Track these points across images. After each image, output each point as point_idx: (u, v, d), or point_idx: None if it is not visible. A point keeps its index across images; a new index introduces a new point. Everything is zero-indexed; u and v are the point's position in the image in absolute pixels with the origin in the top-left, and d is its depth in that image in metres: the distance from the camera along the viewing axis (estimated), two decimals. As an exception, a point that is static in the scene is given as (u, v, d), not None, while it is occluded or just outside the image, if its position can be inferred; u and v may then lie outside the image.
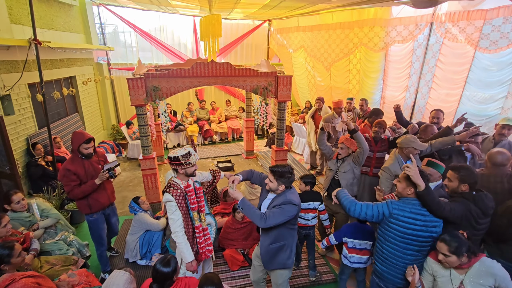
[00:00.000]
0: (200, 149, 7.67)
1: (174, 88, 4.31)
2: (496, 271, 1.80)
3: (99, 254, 3.18)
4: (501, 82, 4.45)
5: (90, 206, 2.92)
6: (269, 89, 4.60)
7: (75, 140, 2.85)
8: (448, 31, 4.99)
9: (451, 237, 1.88)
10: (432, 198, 2.03)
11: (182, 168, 2.42)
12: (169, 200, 2.39)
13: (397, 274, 2.24)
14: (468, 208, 2.15)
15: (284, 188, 2.32)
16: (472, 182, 2.21)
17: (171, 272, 2.03)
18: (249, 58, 9.18)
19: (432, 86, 5.50)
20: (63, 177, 2.76)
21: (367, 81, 6.69)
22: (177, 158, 2.39)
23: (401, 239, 2.13)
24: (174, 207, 2.39)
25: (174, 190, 2.40)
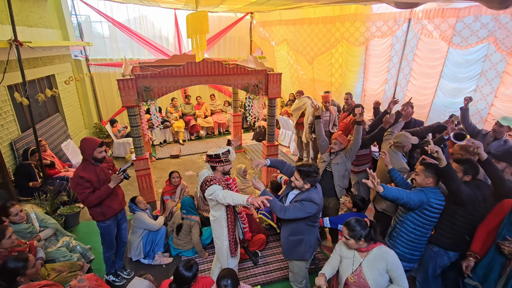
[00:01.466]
0: (187, 144, 7.67)
1: (166, 88, 4.31)
2: (388, 256, 2.05)
3: (107, 257, 3.22)
4: (470, 76, 4.85)
5: (104, 214, 2.93)
6: (259, 87, 4.70)
7: (88, 146, 2.80)
8: (424, 27, 5.30)
9: (353, 223, 2.11)
10: (453, 172, 2.41)
11: (221, 165, 2.57)
12: (215, 190, 2.47)
13: (416, 253, 2.63)
14: (475, 193, 2.49)
15: (309, 186, 2.49)
16: (474, 173, 2.57)
17: (191, 277, 2.15)
18: (233, 51, 9.15)
19: (409, 80, 5.85)
20: (77, 185, 2.73)
21: (349, 75, 6.96)
22: (218, 155, 2.52)
23: (430, 223, 2.53)
24: (221, 189, 2.48)
25: (216, 181, 2.53)
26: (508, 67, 4.44)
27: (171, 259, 3.72)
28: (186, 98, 8.23)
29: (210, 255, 3.78)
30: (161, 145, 7.56)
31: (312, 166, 2.48)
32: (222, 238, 2.74)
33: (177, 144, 7.69)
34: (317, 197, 2.46)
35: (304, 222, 2.54)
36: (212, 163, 2.58)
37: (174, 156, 6.82)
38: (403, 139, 3.34)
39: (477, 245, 2.49)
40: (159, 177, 5.89)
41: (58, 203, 4.31)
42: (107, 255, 3.19)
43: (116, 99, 7.84)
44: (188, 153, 7.09)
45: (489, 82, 4.66)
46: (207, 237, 3.84)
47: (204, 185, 2.58)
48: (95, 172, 2.84)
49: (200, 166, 6.42)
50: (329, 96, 5.38)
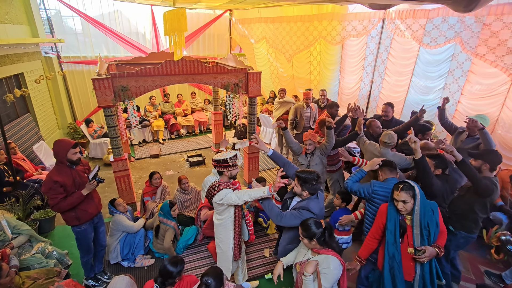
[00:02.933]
0: (167, 144, 7.56)
1: (144, 87, 4.21)
2: (329, 267, 2.05)
3: (85, 262, 3.14)
4: (439, 75, 5.12)
5: (79, 218, 2.85)
6: (239, 85, 4.71)
7: (62, 148, 2.71)
8: (397, 27, 5.52)
9: (308, 223, 2.18)
10: (427, 164, 2.57)
11: (228, 170, 2.56)
12: (226, 193, 2.46)
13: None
14: (444, 185, 2.69)
15: (307, 194, 2.42)
16: (444, 167, 2.78)
17: (176, 272, 2.18)
18: (212, 49, 9.07)
19: (384, 77, 6.08)
20: (49, 190, 2.64)
21: (326, 73, 7.12)
22: (226, 160, 2.52)
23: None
24: (232, 191, 2.49)
25: (224, 185, 2.51)
26: (473, 66, 4.72)
27: (153, 261, 3.69)
28: (165, 96, 8.08)
29: (189, 255, 3.79)
30: (140, 145, 7.40)
31: (312, 174, 2.41)
32: (228, 242, 2.72)
33: (157, 143, 7.56)
34: (316, 207, 2.39)
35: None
36: (220, 168, 2.58)
37: (154, 155, 6.71)
38: (393, 139, 3.38)
39: (362, 250, 2.56)
40: (139, 178, 5.79)
41: (31, 207, 4.13)
42: (84, 260, 3.12)
43: (91, 98, 7.57)
44: (168, 152, 6.99)
45: (456, 81, 4.94)
46: (189, 237, 3.84)
47: (212, 190, 2.56)
48: (71, 175, 2.76)
49: (181, 165, 6.36)
50: (310, 93, 5.50)
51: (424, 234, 2.18)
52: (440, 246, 2.20)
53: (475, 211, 2.82)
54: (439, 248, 2.18)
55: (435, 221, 2.20)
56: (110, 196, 5.12)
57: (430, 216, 2.18)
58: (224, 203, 2.53)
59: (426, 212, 2.17)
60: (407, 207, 2.17)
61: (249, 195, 2.42)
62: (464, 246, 3.04)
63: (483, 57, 4.46)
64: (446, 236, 2.27)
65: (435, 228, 2.20)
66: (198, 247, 3.91)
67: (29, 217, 4.10)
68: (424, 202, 2.20)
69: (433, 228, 2.20)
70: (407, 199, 2.16)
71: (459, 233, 2.94)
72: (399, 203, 2.19)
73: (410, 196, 2.16)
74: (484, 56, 4.45)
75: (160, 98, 8.40)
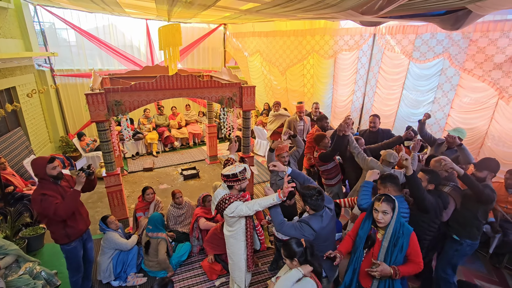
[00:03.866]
0: (161, 156, 7.49)
1: (138, 102, 4.21)
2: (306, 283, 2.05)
3: (74, 281, 3.05)
4: (429, 89, 5.23)
5: (69, 235, 2.78)
6: (234, 99, 4.73)
7: (38, 166, 2.68)
8: (387, 42, 5.66)
9: (288, 244, 2.19)
10: (418, 180, 2.60)
11: (238, 183, 2.62)
12: (237, 205, 2.53)
13: None
14: (437, 200, 2.72)
15: (310, 209, 2.47)
16: (437, 183, 2.82)
17: None
18: (206, 62, 9.14)
19: (376, 91, 6.19)
20: (41, 202, 2.55)
21: (319, 86, 7.21)
22: (236, 174, 2.57)
23: None
24: (242, 203, 2.56)
25: (235, 198, 2.60)
26: (461, 80, 4.84)
27: (145, 279, 3.59)
28: (159, 109, 8.07)
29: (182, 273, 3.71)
30: (133, 158, 7.32)
31: (311, 190, 2.41)
32: (240, 253, 2.76)
33: (151, 156, 7.49)
34: (317, 224, 2.38)
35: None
36: (230, 183, 2.62)
37: (148, 169, 6.63)
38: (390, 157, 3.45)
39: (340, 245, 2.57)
40: (132, 192, 5.70)
41: (20, 225, 4.02)
42: (74, 280, 3.02)
43: (84, 111, 7.50)
44: (162, 165, 6.92)
45: (445, 94, 5.05)
46: (182, 253, 3.77)
47: (222, 204, 2.59)
48: (57, 191, 2.71)
49: (175, 179, 6.29)
50: (303, 107, 5.55)
51: (390, 250, 2.19)
52: (399, 269, 2.15)
53: (477, 218, 2.90)
54: (396, 271, 2.14)
55: (400, 244, 2.18)
56: (102, 212, 5.02)
57: (400, 237, 2.18)
58: (235, 216, 2.58)
59: (399, 229, 2.19)
60: (386, 219, 2.19)
61: (259, 204, 2.48)
62: (469, 254, 3.10)
63: (471, 72, 4.57)
64: (414, 268, 2.20)
65: (399, 250, 2.18)
66: (192, 264, 3.83)
67: (17, 235, 3.98)
68: (401, 220, 2.23)
69: (397, 248, 2.18)
70: (388, 210, 2.19)
71: (465, 241, 2.99)
72: (379, 213, 2.20)
73: (390, 208, 2.19)
74: (472, 71, 4.57)
75: (154, 111, 8.37)
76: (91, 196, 5.57)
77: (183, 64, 8.65)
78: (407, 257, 2.23)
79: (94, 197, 5.54)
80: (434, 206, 2.68)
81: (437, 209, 2.70)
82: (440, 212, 2.72)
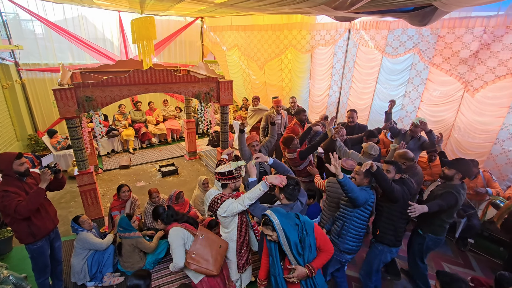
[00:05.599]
0: (138, 153, 7.30)
1: (110, 97, 4.06)
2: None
3: (41, 283, 2.94)
4: (400, 83, 5.41)
5: (34, 234, 2.65)
6: (211, 94, 4.68)
7: (5, 161, 2.57)
8: (362, 37, 5.78)
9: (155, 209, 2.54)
10: (383, 175, 2.69)
11: (233, 182, 2.57)
12: (229, 204, 2.50)
13: (359, 244, 2.91)
14: (403, 188, 2.82)
15: (284, 198, 2.50)
16: (401, 171, 2.96)
17: (143, 285, 2.21)
18: (183, 56, 8.93)
19: (351, 85, 6.33)
20: (2, 198, 2.44)
21: (296, 80, 7.28)
22: (231, 172, 2.51)
23: (368, 217, 2.86)
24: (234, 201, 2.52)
25: (227, 197, 2.55)
26: (430, 75, 5.05)
27: (122, 278, 3.51)
28: (135, 104, 7.83)
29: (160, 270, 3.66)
30: (108, 155, 7.08)
31: (290, 180, 2.47)
32: (234, 253, 2.74)
33: (127, 153, 7.28)
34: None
35: None
36: (225, 181, 2.57)
37: (124, 166, 6.45)
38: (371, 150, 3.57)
39: (260, 272, 2.53)
40: (107, 190, 5.53)
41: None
42: (40, 281, 2.92)
43: (54, 108, 7.11)
44: (139, 162, 6.75)
45: (415, 88, 5.25)
46: (160, 251, 3.70)
47: (214, 204, 2.55)
48: (22, 188, 2.61)
49: (152, 176, 6.16)
50: (280, 101, 5.59)
51: (296, 255, 2.17)
52: (313, 266, 2.18)
53: (441, 218, 3.01)
54: (310, 269, 2.17)
55: (308, 242, 2.18)
56: (75, 212, 4.84)
57: (306, 237, 2.17)
58: (228, 215, 2.53)
59: (301, 231, 2.17)
60: (274, 238, 2.18)
61: (248, 197, 2.45)
62: (435, 248, 3.21)
63: (439, 67, 4.78)
64: (326, 256, 2.24)
65: (308, 250, 2.18)
66: (171, 261, 3.77)
67: (-18, 239, 3.76)
68: (301, 220, 2.20)
69: (306, 249, 2.18)
70: (269, 233, 2.18)
71: (427, 235, 3.11)
72: (269, 236, 2.21)
73: (270, 230, 2.16)
74: (440, 65, 4.77)
75: (130, 106, 8.11)
76: (63, 195, 5.36)
77: (159, 58, 8.41)
78: (318, 248, 2.25)
79: (67, 197, 5.33)
80: (402, 194, 2.79)
81: (405, 196, 2.81)
82: (408, 198, 2.83)
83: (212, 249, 2.59)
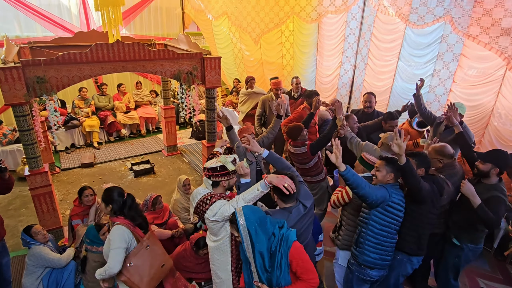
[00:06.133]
0: (104, 148, 7.28)
1: (68, 78, 4.02)
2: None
3: None
4: (428, 60, 5.43)
5: None
6: (194, 74, 4.64)
7: None
8: (380, 3, 5.74)
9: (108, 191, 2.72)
10: (413, 169, 2.67)
11: (226, 179, 2.58)
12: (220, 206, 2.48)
13: (387, 257, 2.85)
14: (432, 187, 2.81)
15: (277, 198, 2.52)
16: (427, 166, 2.93)
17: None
18: (159, 27, 8.87)
19: (367, 63, 6.33)
20: None
21: (300, 57, 7.27)
22: (225, 166, 2.52)
23: (396, 222, 2.78)
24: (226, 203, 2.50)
25: (218, 197, 2.54)
26: (464, 49, 5.06)
27: (87, 302, 3.52)
28: (99, 88, 7.76)
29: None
30: (67, 151, 7.05)
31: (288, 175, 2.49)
32: (228, 268, 2.66)
33: (91, 148, 7.26)
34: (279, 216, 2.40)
35: None
36: (217, 178, 2.56)
37: (87, 164, 6.43)
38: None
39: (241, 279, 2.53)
40: (66, 194, 5.53)
41: None
42: None
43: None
44: (106, 159, 6.75)
45: (446, 66, 5.27)
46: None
47: (202, 205, 2.53)
48: None
49: (123, 176, 6.15)
50: (280, 82, 5.57)
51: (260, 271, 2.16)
52: None
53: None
54: None
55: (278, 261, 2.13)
56: (27, 221, 4.83)
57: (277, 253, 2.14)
58: (219, 219, 2.49)
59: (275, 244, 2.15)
60: (239, 240, 2.20)
61: (243, 199, 2.45)
62: (474, 260, 3.28)
63: (476, 39, 4.75)
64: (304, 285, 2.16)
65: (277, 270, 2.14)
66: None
67: None
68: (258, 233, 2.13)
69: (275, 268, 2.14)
70: (235, 233, 2.21)
71: (466, 246, 3.13)
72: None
73: (236, 231, 2.18)
74: (477, 37, 4.75)
75: (93, 90, 8.06)
76: (12, 201, 5.36)
77: (129, 29, 8.38)
78: (296, 275, 2.20)
79: (17, 203, 5.33)
80: (431, 195, 2.81)
81: (434, 198, 2.83)
82: (437, 200, 2.85)
83: (153, 266, 2.61)
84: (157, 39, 6.85)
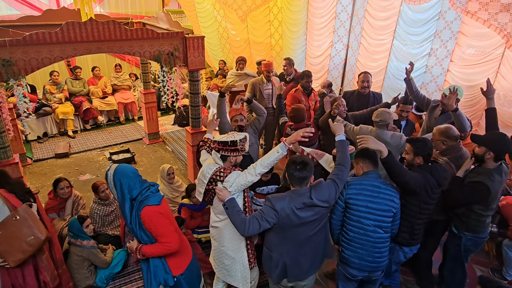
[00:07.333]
0: (79, 137, 7.19)
1: (37, 60, 3.93)
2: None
3: None
4: (424, 38, 5.45)
5: None
6: (175, 55, 4.57)
7: None
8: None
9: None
10: (394, 164, 2.70)
11: (235, 155, 2.73)
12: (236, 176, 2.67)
13: (367, 257, 2.78)
14: (426, 178, 2.80)
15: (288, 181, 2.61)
16: (425, 154, 2.88)
17: None
18: (137, 4, 8.72)
19: (361, 42, 6.32)
20: None
21: (289, 36, 7.23)
22: (235, 142, 2.66)
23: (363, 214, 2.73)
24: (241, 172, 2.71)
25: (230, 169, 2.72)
26: (463, 26, 5.08)
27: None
28: (72, 71, 7.60)
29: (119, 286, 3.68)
30: (40, 140, 6.94)
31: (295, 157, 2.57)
32: (241, 246, 2.80)
33: (65, 137, 7.16)
34: (282, 203, 2.45)
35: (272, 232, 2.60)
36: (226, 152, 2.71)
37: (61, 154, 6.35)
38: (386, 116, 3.59)
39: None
40: (40, 187, 5.46)
41: None
42: None
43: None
44: (82, 149, 6.69)
45: (444, 44, 5.30)
46: (115, 263, 3.71)
47: (217, 178, 2.68)
48: None
49: (100, 166, 6.09)
50: (272, 64, 5.54)
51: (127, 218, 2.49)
52: (141, 248, 2.47)
53: (474, 211, 3.05)
54: (138, 248, 2.48)
55: (134, 217, 2.44)
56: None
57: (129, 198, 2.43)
58: (234, 190, 2.66)
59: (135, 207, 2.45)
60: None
61: (261, 164, 2.63)
62: (475, 249, 3.29)
63: (475, 15, 4.78)
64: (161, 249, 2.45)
65: (135, 226, 2.46)
66: (129, 275, 3.81)
67: None
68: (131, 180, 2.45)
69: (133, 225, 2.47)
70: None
71: (463, 234, 3.17)
72: None
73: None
74: (476, 13, 4.77)
75: (66, 74, 7.89)
76: (-20, 196, 5.24)
77: (103, 7, 8.22)
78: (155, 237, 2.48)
79: (-15, 198, 5.22)
80: (422, 185, 2.79)
81: (428, 188, 2.83)
82: (431, 190, 2.86)
83: (16, 238, 2.57)
84: (134, 18, 6.76)
